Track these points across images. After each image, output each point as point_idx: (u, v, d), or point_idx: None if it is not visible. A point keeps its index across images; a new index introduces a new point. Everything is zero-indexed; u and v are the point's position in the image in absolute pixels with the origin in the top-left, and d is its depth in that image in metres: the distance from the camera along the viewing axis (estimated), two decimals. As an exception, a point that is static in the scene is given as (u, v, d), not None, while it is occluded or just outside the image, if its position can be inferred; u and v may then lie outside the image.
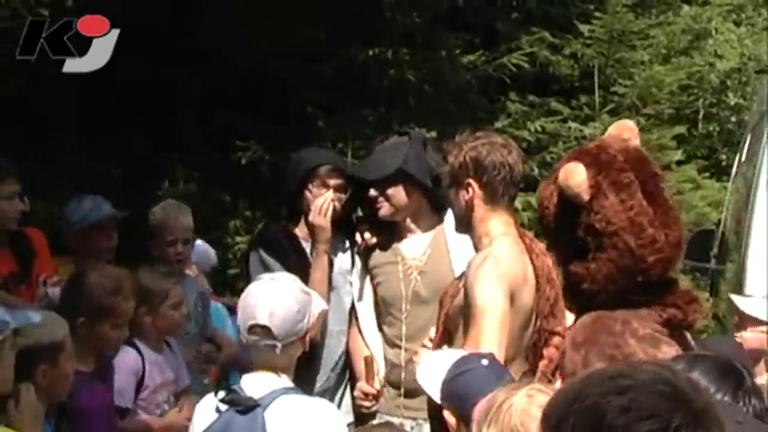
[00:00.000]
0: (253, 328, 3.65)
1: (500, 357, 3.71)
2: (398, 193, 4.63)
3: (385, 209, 4.67)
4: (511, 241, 3.99)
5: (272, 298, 3.66)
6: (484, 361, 3.42)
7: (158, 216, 5.38)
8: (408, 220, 4.71)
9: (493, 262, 3.90)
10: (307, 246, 4.83)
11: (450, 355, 3.59)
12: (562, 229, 3.42)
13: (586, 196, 3.36)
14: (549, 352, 3.94)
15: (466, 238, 4.21)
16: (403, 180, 4.62)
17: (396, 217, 4.69)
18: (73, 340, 4.11)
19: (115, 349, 4.44)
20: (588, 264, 3.38)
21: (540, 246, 3.99)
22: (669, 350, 3.32)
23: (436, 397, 3.44)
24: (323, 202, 4.73)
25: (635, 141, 3.62)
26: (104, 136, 8.04)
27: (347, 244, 4.89)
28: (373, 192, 4.66)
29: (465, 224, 4.10)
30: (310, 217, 4.74)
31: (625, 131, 3.60)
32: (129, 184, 8.24)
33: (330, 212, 4.73)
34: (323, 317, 4.17)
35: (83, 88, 7.33)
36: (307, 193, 4.78)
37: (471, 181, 4.03)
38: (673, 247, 3.44)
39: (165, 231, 5.32)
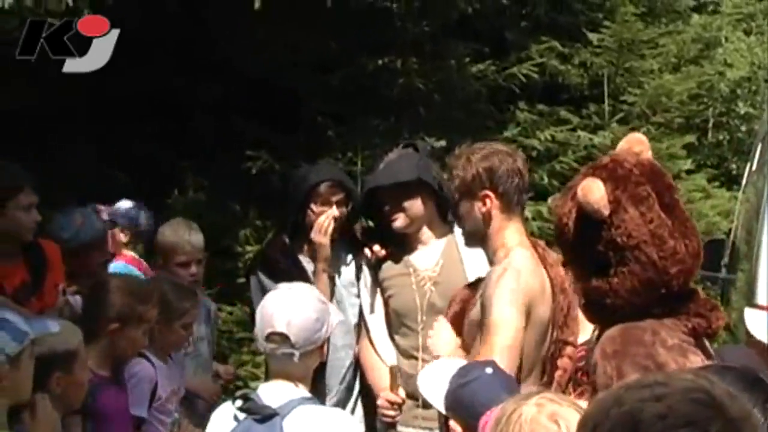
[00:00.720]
0: (270, 336, 3.64)
1: (511, 373, 3.71)
2: (415, 203, 4.61)
3: (401, 221, 4.65)
4: (529, 252, 3.99)
5: (290, 306, 3.65)
6: (488, 370, 3.42)
7: (168, 236, 5.29)
8: (423, 230, 4.70)
9: (514, 275, 3.89)
10: (307, 264, 4.83)
11: (450, 364, 3.59)
12: (583, 246, 3.40)
13: (605, 212, 3.35)
14: (563, 362, 3.95)
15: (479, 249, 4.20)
16: (420, 190, 4.61)
17: (410, 229, 4.67)
18: (98, 345, 4.16)
19: (134, 355, 4.46)
20: (610, 279, 3.37)
21: (552, 256, 4.00)
22: (696, 359, 3.32)
23: (440, 407, 3.44)
24: (324, 219, 4.73)
25: (647, 153, 3.62)
26: (114, 143, 8.05)
27: (350, 257, 4.89)
28: (388, 206, 4.65)
29: (480, 238, 4.08)
30: (312, 235, 4.75)
31: (636, 144, 3.60)
32: (138, 192, 8.24)
33: (330, 230, 4.74)
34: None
35: (94, 94, 7.35)
36: (309, 212, 4.78)
37: (488, 192, 4.01)
38: (694, 257, 3.44)
39: (176, 252, 5.24)
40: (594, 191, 3.35)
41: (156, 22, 7.43)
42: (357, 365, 4.86)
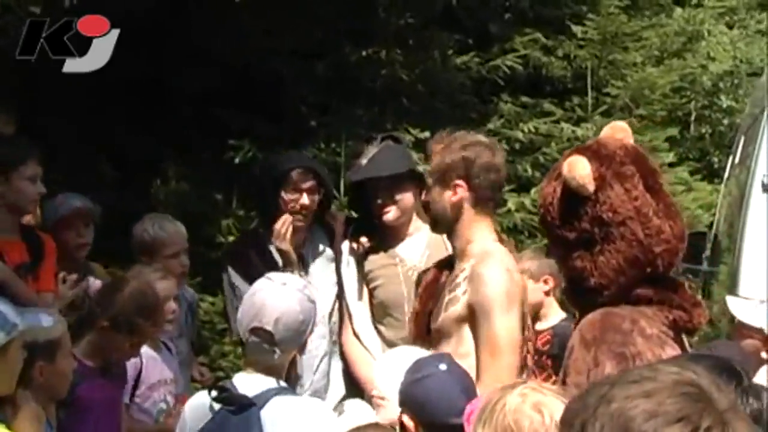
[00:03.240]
0: (255, 330, 3.62)
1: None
2: (407, 195, 4.57)
3: (393, 213, 4.62)
4: (505, 249, 4.02)
5: (280, 304, 3.61)
6: (443, 366, 3.42)
7: (153, 232, 5.27)
8: (413, 220, 4.68)
9: (507, 276, 3.94)
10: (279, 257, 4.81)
11: (408, 356, 3.61)
12: (567, 223, 3.40)
13: (591, 188, 3.36)
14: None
15: None
16: (412, 181, 4.59)
17: (400, 221, 4.66)
18: (91, 336, 4.14)
19: (122, 356, 4.43)
20: (595, 258, 3.36)
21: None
22: (673, 353, 3.30)
23: (394, 400, 3.46)
24: (281, 226, 4.70)
25: (629, 141, 3.64)
26: (97, 133, 8.01)
27: (327, 246, 4.86)
28: (380, 199, 4.62)
29: (445, 225, 4.07)
30: (274, 243, 4.72)
31: (618, 132, 3.61)
32: (122, 182, 8.21)
33: (289, 235, 4.70)
34: None
35: (76, 86, 7.31)
36: (281, 200, 4.77)
37: (460, 182, 4.01)
38: (678, 239, 3.43)
39: (165, 245, 5.21)
40: (580, 167, 3.36)
41: (137, 11, 7.39)
42: (332, 354, 4.83)
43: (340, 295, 4.82)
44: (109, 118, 8.01)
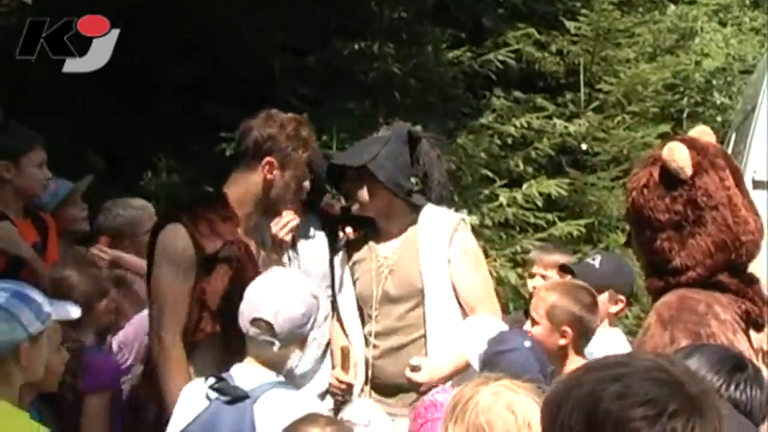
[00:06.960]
0: (256, 321, 3.60)
1: None
2: (362, 190, 4.47)
3: (355, 205, 4.57)
4: None
5: (281, 296, 3.60)
6: (527, 343, 3.64)
7: (126, 213, 5.34)
8: (381, 219, 4.59)
9: None
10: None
11: (491, 324, 3.85)
12: (660, 205, 3.56)
13: (689, 171, 3.51)
14: None
15: (437, 239, 4.41)
16: (364, 178, 4.46)
17: (366, 213, 4.57)
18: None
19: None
20: (684, 239, 3.53)
21: None
22: (743, 341, 3.51)
23: (475, 364, 3.69)
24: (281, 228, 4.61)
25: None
26: (87, 126, 8.01)
27: (320, 233, 4.81)
28: (344, 189, 4.58)
29: None
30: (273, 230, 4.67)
31: (704, 135, 3.76)
32: (112, 175, 8.21)
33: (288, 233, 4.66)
34: None
35: (66, 79, 7.29)
36: None
37: None
38: (760, 233, 3.61)
39: (143, 225, 5.22)
40: (679, 151, 3.53)
41: (128, 4, 7.38)
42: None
43: (331, 284, 4.78)
44: (99, 111, 8.00)
